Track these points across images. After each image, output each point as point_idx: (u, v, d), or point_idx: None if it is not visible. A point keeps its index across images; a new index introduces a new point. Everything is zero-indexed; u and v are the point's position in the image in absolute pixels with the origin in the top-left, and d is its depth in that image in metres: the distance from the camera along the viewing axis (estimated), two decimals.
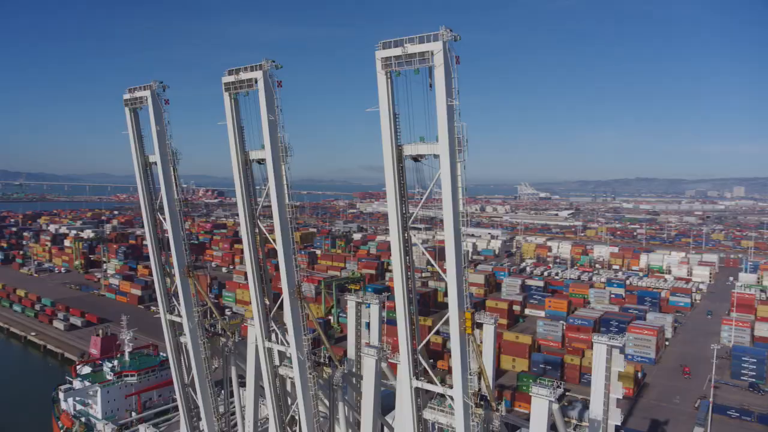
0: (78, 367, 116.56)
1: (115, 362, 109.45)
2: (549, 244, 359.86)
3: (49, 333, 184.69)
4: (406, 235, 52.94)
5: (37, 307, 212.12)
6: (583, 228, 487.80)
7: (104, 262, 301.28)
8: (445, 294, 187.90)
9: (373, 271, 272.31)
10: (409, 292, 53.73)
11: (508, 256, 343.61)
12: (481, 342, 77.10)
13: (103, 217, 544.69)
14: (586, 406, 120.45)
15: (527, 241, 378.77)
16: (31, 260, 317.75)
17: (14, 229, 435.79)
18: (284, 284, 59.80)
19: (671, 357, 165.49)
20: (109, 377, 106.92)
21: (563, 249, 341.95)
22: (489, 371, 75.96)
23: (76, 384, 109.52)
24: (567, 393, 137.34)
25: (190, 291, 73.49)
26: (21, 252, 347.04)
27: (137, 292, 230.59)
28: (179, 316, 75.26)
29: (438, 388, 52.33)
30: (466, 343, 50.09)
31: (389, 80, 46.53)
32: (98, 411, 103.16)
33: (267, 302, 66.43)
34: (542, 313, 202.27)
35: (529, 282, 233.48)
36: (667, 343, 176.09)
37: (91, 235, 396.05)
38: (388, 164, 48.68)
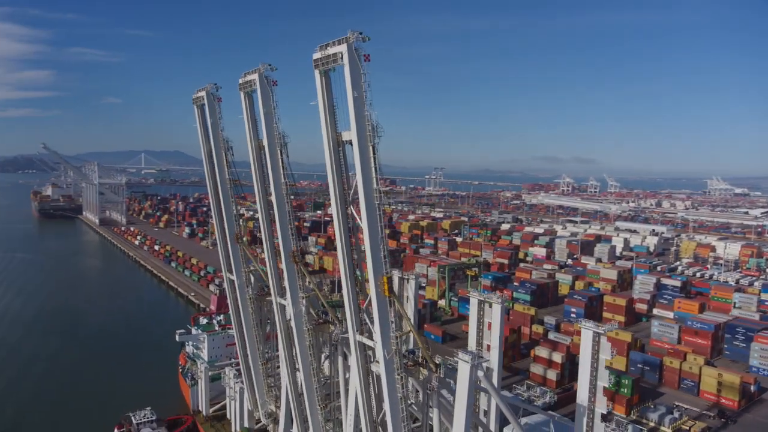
0: (198, 318, 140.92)
1: (222, 316, 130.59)
2: (714, 243, 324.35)
3: (204, 294, 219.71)
4: (346, 208, 59.79)
5: (202, 273, 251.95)
6: None
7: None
8: (572, 287, 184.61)
9: (505, 261, 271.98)
10: (351, 258, 60.74)
11: (658, 255, 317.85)
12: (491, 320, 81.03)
13: None
14: (670, 410, 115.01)
15: (691, 240, 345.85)
16: (209, 235, 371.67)
17: (205, 208, 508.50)
18: (282, 249, 70.95)
19: None
20: (216, 328, 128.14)
21: (731, 250, 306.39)
22: (496, 348, 79.96)
23: (193, 331, 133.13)
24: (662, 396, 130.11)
25: (240, 257, 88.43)
26: (205, 228, 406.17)
27: (281, 266, 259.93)
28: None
29: (371, 342, 59.07)
30: (386, 303, 56.24)
31: (323, 77, 54.67)
32: (205, 354, 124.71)
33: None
34: (670, 314, 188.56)
35: (665, 281, 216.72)
36: None
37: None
38: (327, 148, 56.86)
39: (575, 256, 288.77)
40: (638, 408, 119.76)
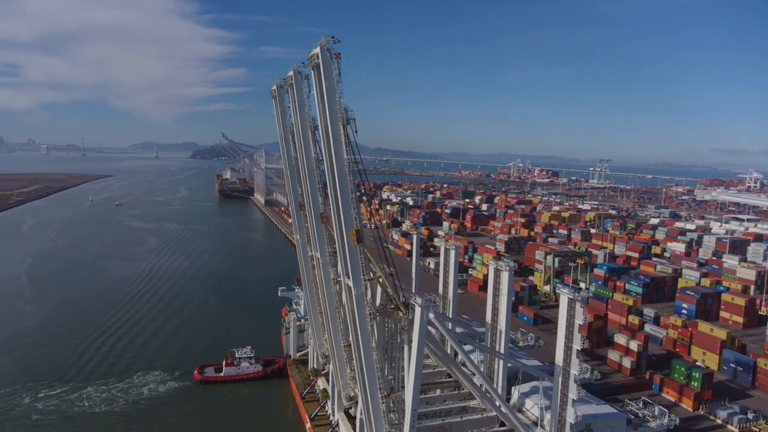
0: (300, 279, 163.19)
1: None
2: None
3: None
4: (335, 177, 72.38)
5: None
6: None
7: (402, 222, 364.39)
8: (698, 284, 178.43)
9: (635, 254, 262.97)
10: (340, 218, 73.17)
11: None
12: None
13: (431, 189, 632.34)
14: (744, 411, 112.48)
15: None
16: None
17: (358, 193, 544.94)
18: (312, 210, 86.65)
19: None
20: None
21: None
22: (503, 312, 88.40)
23: (296, 290, 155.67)
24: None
25: (302, 222, 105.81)
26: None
27: (407, 246, 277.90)
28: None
29: (349, 282, 71.79)
30: (356, 251, 68.78)
31: (314, 71, 68.28)
32: (301, 309, 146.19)
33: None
34: None
35: None
36: None
37: (410, 202, 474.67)
38: (321, 128, 70.52)
39: (723, 255, 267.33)
40: (707, 403, 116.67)
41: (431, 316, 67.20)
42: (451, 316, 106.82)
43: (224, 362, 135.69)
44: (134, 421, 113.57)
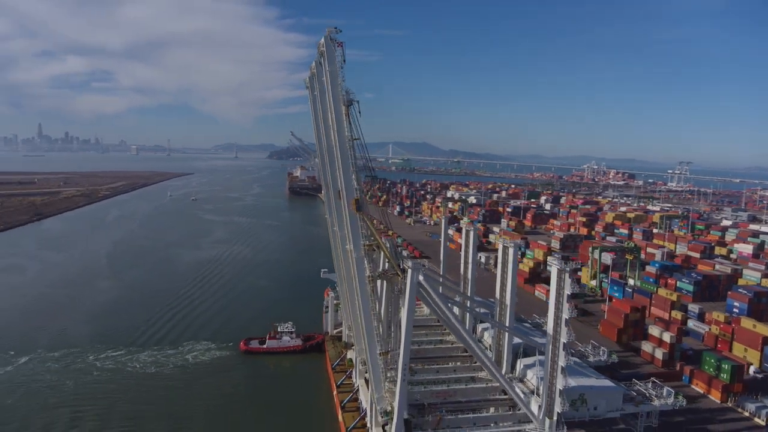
0: None
1: None
2: None
3: None
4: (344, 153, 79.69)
5: None
6: None
7: (460, 219, 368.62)
8: (759, 283, 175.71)
9: (696, 254, 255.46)
10: (353, 191, 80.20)
11: None
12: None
13: (497, 189, 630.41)
14: None
15: None
16: (413, 214, 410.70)
17: (423, 192, 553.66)
18: (332, 189, 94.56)
19: None
20: None
21: None
22: (509, 287, 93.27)
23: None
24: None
25: (332, 205, 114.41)
26: (416, 208, 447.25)
27: (460, 241, 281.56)
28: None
29: (350, 246, 78.91)
30: (356, 218, 75.94)
31: (323, 59, 76.44)
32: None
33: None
34: None
35: None
36: None
37: (473, 201, 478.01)
38: (329, 109, 78.43)
39: None
40: (736, 396, 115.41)
41: (421, 278, 73.53)
42: (469, 295, 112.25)
43: (268, 336, 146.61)
44: (182, 383, 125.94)
